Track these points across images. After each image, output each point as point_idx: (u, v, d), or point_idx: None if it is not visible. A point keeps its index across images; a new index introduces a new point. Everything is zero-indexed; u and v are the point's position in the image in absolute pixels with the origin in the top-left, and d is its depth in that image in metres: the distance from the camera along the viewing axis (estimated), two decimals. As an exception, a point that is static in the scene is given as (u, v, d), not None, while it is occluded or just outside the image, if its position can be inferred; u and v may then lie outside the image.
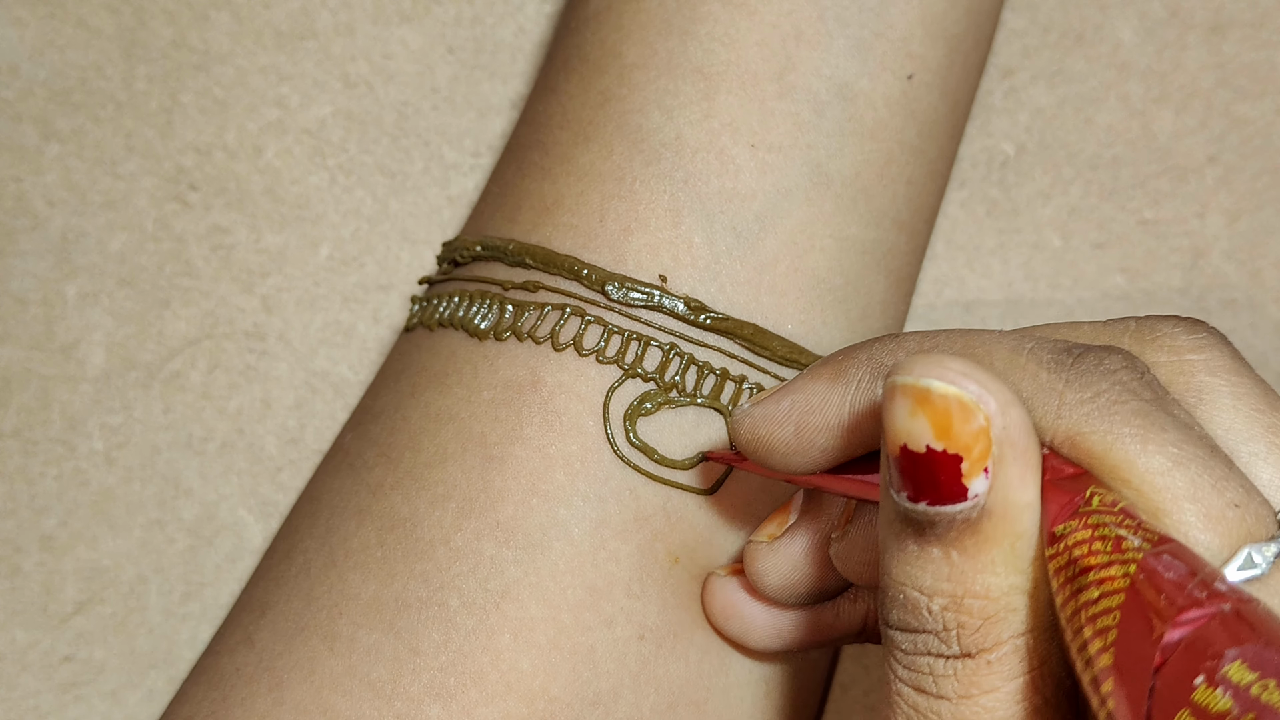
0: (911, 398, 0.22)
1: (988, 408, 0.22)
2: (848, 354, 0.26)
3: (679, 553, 0.32)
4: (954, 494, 0.22)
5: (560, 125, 0.34)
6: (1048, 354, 0.24)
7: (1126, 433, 0.22)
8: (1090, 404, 0.23)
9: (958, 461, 0.22)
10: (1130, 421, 0.22)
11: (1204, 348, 0.25)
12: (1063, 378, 0.23)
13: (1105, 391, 0.23)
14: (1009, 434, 0.22)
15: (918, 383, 0.22)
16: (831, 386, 0.26)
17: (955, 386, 0.22)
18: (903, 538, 0.24)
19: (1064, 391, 0.23)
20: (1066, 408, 0.23)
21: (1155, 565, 0.21)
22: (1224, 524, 0.22)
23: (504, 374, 0.32)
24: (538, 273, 0.33)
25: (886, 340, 0.26)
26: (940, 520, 0.23)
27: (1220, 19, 0.42)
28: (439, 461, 0.32)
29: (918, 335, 0.26)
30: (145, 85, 0.41)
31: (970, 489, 0.22)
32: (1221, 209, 0.42)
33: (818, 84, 0.33)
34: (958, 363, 0.22)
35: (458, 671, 0.30)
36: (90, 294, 0.40)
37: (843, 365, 0.26)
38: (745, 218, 0.32)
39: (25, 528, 0.39)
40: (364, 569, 0.31)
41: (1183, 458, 0.22)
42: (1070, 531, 0.22)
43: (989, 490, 0.22)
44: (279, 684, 0.31)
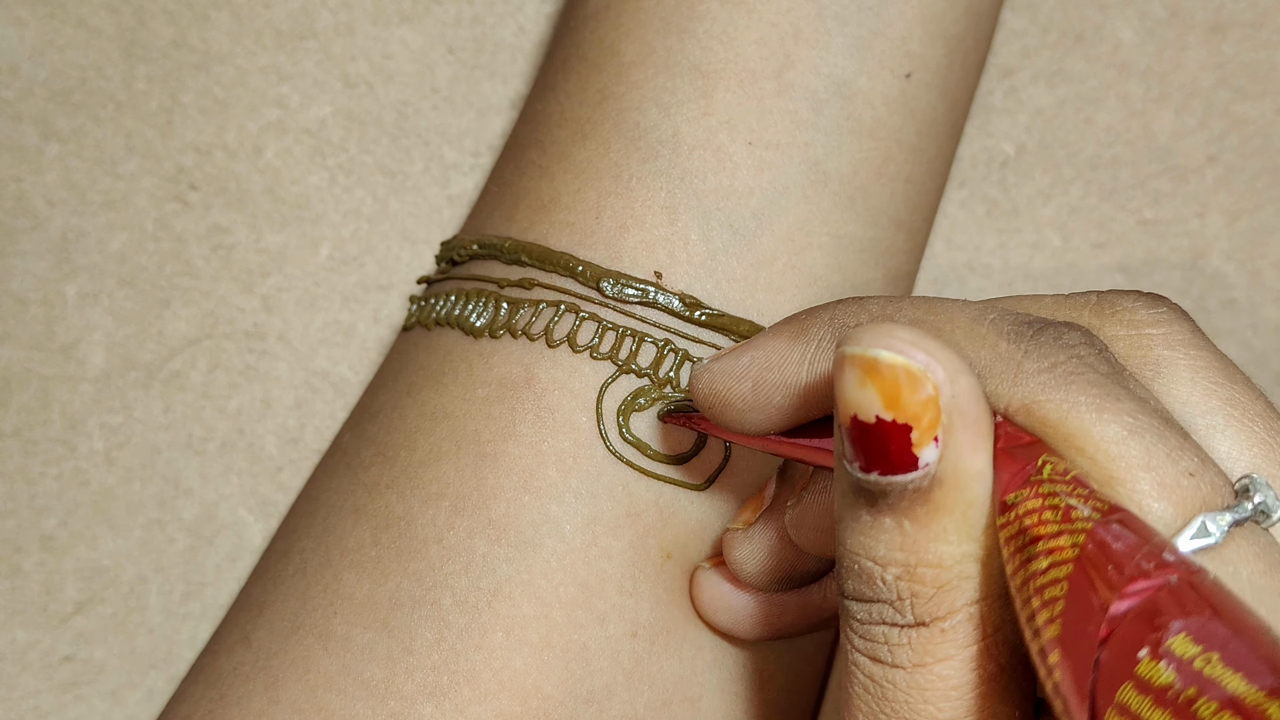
0: (860, 368, 0.22)
1: (935, 376, 0.22)
2: (810, 313, 0.26)
3: (671, 548, 0.32)
4: (904, 463, 0.22)
5: (558, 123, 0.34)
6: (1008, 325, 0.24)
7: (1082, 401, 0.22)
8: (1047, 374, 0.23)
9: (907, 431, 0.22)
10: (1086, 391, 0.22)
11: (1163, 322, 0.25)
12: (1021, 348, 0.23)
13: (1062, 363, 0.23)
14: (958, 403, 0.22)
15: (865, 352, 0.22)
16: (791, 344, 0.26)
17: (903, 356, 0.22)
18: (856, 508, 0.23)
19: (1022, 361, 0.23)
20: (1023, 376, 0.23)
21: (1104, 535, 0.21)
22: (1178, 492, 0.22)
23: (498, 371, 0.32)
24: (533, 270, 0.33)
25: (850, 302, 0.26)
26: (892, 490, 0.23)
27: (1220, 19, 0.42)
28: (433, 460, 0.32)
29: (881, 299, 0.26)
30: (145, 85, 0.41)
31: (920, 458, 0.22)
32: (1221, 209, 0.42)
33: (816, 82, 0.33)
34: (906, 331, 0.22)
35: (450, 670, 0.30)
36: (90, 294, 0.40)
37: (804, 324, 0.26)
38: (742, 215, 0.32)
39: (25, 527, 0.39)
40: (359, 568, 0.31)
41: (1138, 427, 0.22)
42: (1021, 500, 0.22)
43: (939, 459, 0.22)
44: (275, 683, 0.31)
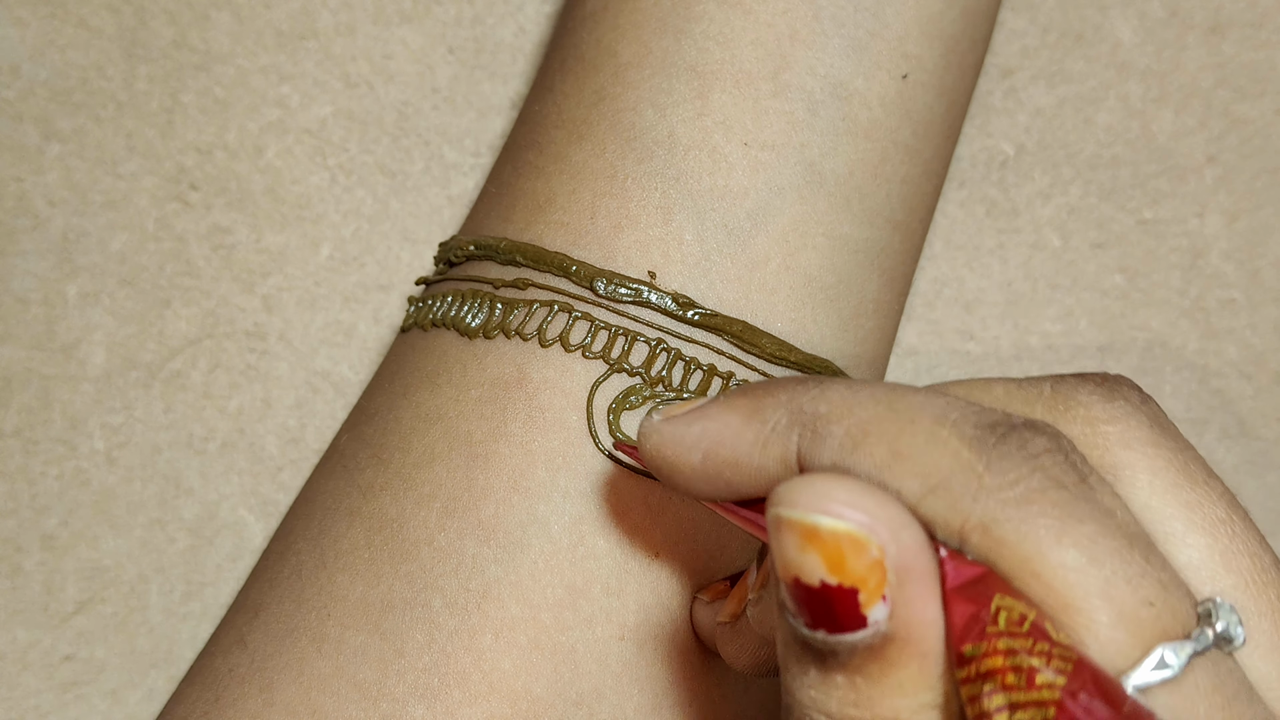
0: (798, 534, 0.22)
1: (879, 539, 0.21)
2: (768, 390, 0.25)
3: (659, 548, 0.32)
4: (853, 623, 0.22)
5: (555, 124, 0.34)
6: (971, 429, 0.23)
7: (1041, 525, 0.21)
8: (1009, 490, 0.22)
9: (854, 594, 0.22)
10: (1047, 512, 0.22)
11: (1119, 418, 0.24)
12: (984, 459, 0.22)
13: (1024, 478, 0.22)
14: (903, 560, 0.22)
15: (804, 519, 0.22)
16: (746, 423, 0.25)
17: (843, 521, 0.21)
18: (803, 662, 0.23)
19: (984, 475, 0.22)
20: (984, 492, 0.22)
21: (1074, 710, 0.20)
22: (1136, 623, 0.21)
23: (492, 372, 0.32)
24: (528, 270, 0.33)
25: (810, 385, 0.25)
26: (841, 649, 0.22)
27: (1219, 19, 0.42)
28: (427, 461, 0.32)
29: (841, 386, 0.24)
30: (146, 85, 0.41)
31: (869, 616, 0.22)
32: (1220, 209, 0.42)
33: (812, 83, 0.33)
34: (843, 490, 0.22)
35: (441, 672, 0.30)
36: (91, 294, 0.40)
37: (761, 402, 0.25)
38: (737, 215, 0.32)
39: (26, 527, 0.39)
40: (352, 570, 0.31)
41: (1097, 552, 0.21)
42: (980, 654, 0.21)
43: (889, 616, 0.22)
44: (269, 685, 0.31)
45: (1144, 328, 0.42)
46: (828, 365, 0.33)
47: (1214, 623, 0.22)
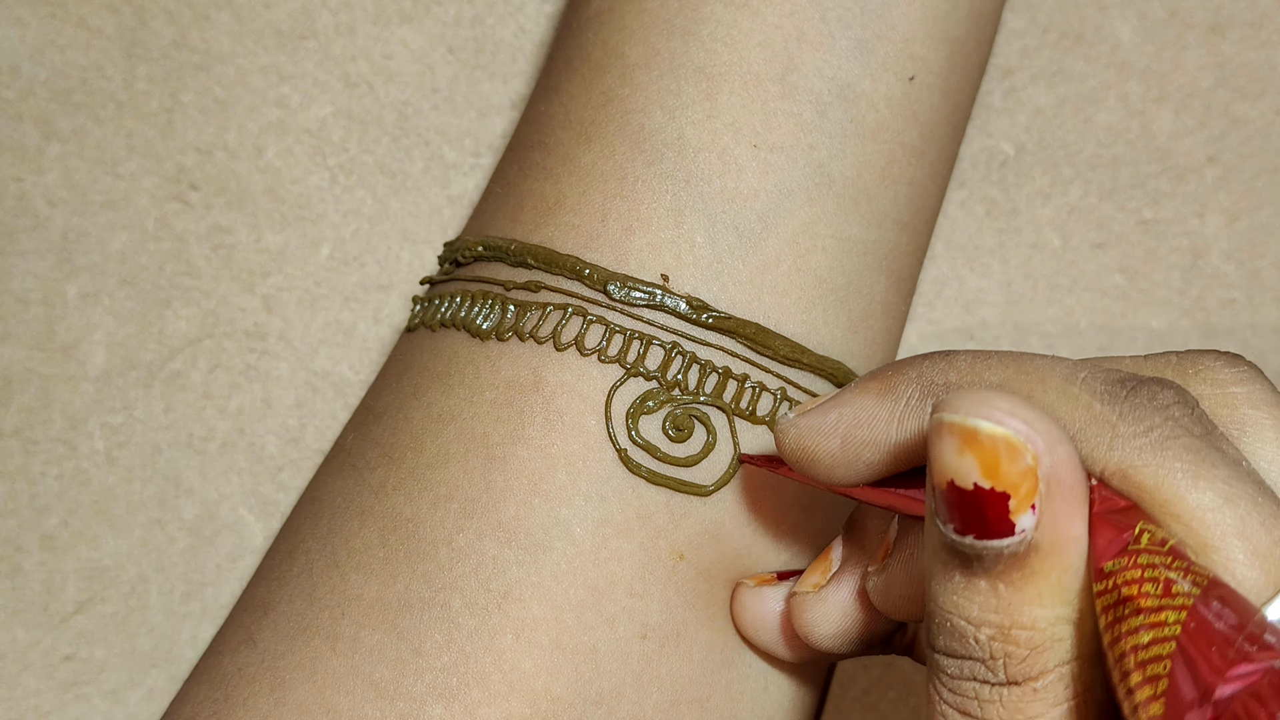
0: (958, 436, 0.23)
1: (1035, 447, 0.22)
2: (897, 370, 0.26)
3: (683, 549, 0.32)
4: (1001, 529, 0.23)
5: (562, 125, 0.34)
6: (1101, 385, 0.24)
7: (1178, 468, 0.23)
8: (1143, 438, 0.23)
9: (1005, 499, 0.23)
10: (1182, 457, 0.23)
11: (1245, 380, 0.25)
12: (1116, 410, 0.23)
13: (1158, 426, 0.23)
14: (1055, 471, 0.22)
15: (965, 421, 0.23)
16: (880, 402, 0.26)
17: (1003, 427, 0.22)
18: (949, 568, 0.24)
19: (1117, 424, 0.23)
20: (1119, 440, 0.23)
21: (1206, 614, 0.21)
22: (1271, 561, 0.22)
23: (506, 374, 0.32)
24: (540, 273, 0.33)
25: (937, 358, 0.26)
26: (987, 554, 0.23)
27: (1220, 19, 0.42)
28: (441, 462, 0.32)
29: (969, 355, 0.26)
30: (146, 85, 0.41)
31: (1018, 525, 0.23)
32: (1221, 209, 0.42)
33: (820, 85, 0.33)
34: (1005, 400, 0.23)
35: (460, 672, 0.30)
36: (91, 294, 0.40)
37: (892, 381, 0.26)
38: (747, 218, 0.32)
39: (26, 527, 0.39)
40: (366, 569, 0.31)
41: (1233, 495, 0.22)
42: (1120, 569, 0.22)
43: (1036, 526, 0.23)
44: (281, 684, 0.31)
45: (1144, 328, 0.42)
46: (839, 366, 0.33)
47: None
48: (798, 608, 0.31)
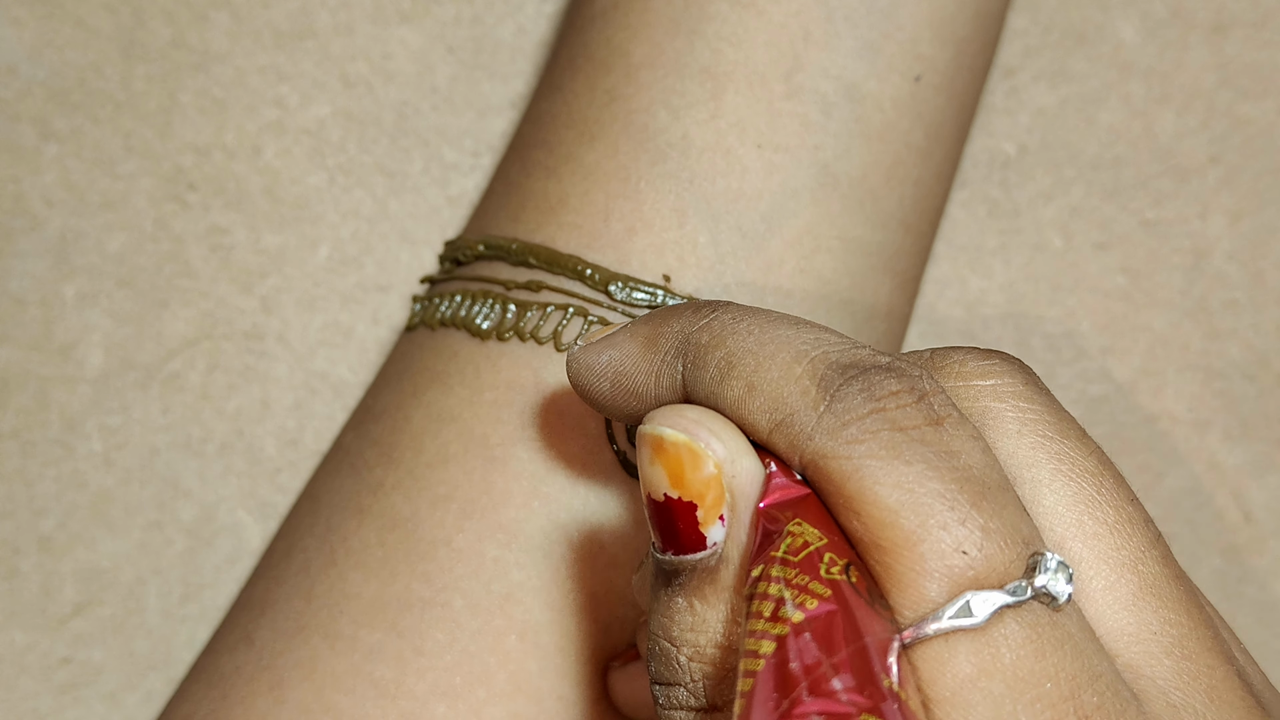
0: (650, 445, 0.23)
1: (717, 454, 0.22)
2: (665, 319, 0.26)
3: None
4: (693, 542, 0.22)
5: (566, 124, 0.34)
6: (825, 367, 0.23)
7: (869, 464, 0.22)
8: (842, 429, 0.22)
9: (693, 509, 0.22)
10: (874, 453, 0.22)
11: (992, 373, 0.24)
12: (827, 395, 0.22)
13: (861, 418, 0.22)
14: (739, 482, 0.22)
15: (654, 430, 0.23)
16: (644, 353, 0.26)
17: (685, 434, 0.22)
18: (657, 587, 0.23)
19: (823, 413, 0.22)
20: (820, 430, 0.22)
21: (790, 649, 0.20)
22: (945, 570, 0.21)
23: (507, 374, 0.32)
24: (541, 272, 0.32)
25: (703, 313, 0.25)
26: (683, 568, 0.23)
27: (1222, 19, 0.42)
28: (441, 462, 0.32)
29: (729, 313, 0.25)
30: (144, 85, 0.41)
31: (708, 537, 0.22)
32: (1224, 209, 0.42)
33: (825, 85, 0.33)
34: (692, 410, 0.23)
35: (464, 671, 0.30)
36: (89, 294, 0.40)
37: (656, 331, 0.26)
38: (751, 218, 0.32)
39: (23, 529, 0.39)
40: (364, 568, 0.31)
41: (919, 494, 0.21)
42: (758, 578, 0.21)
43: (726, 538, 0.22)
44: (279, 683, 0.31)
45: (1147, 328, 0.41)
46: None
47: (1034, 577, 0.21)
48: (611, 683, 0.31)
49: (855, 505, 0.22)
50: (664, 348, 0.25)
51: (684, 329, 0.25)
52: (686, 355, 0.25)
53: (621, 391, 0.26)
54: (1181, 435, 0.41)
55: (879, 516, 0.21)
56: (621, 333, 0.26)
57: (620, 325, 0.26)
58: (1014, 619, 0.21)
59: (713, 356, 0.24)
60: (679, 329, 0.25)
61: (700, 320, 0.25)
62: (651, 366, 0.25)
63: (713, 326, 0.25)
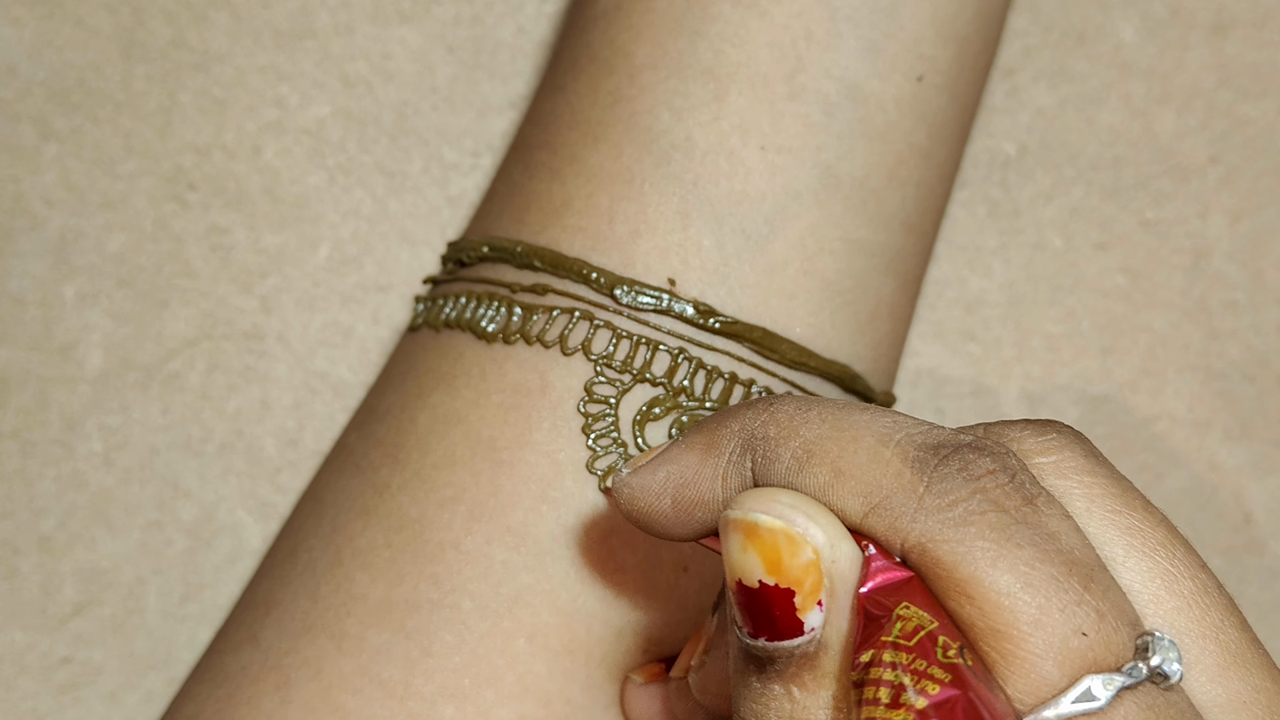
0: (741, 532, 0.22)
1: (815, 540, 0.22)
2: (721, 422, 0.25)
3: (688, 562, 0.32)
4: (790, 629, 0.22)
5: (569, 125, 0.34)
6: (914, 449, 0.23)
7: (979, 546, 0.22)
8: (947, 512, 0.22)
9: (790, 596, 0.22)
10: (985, 535, 0.22)
11: (1052, 449, 0.24)
12: (925, 479, 0.22)
13: (964, 500, 0.22)
14: (838, 567, 0.22)
15: (746, 516, 0.22)
16: (704, 459, 0.25)
17: (782, 520, 0.22)
18: (747, 674, 0.23)
19: (924, 494, 0.22)
20: (923, 513, 0.22)
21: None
22: (1065, 652, 0.21)
23: (513, 378, 0.32)
24: (546, 275, 0.32)
25: (760, 409, 0.25)
26: (779, 655, 0.22)
27: (1222, 19, 0.42)
28: (447, 464, 0.32)
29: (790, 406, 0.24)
30: (144, 85, 0.41)
31: (806, 623, 0.22)
32: (1224, 209, 0.42)
33: (828, 85, 0.33)
34: (787, 495, 0.22)
35: (472, 673, 0.30)
36: (89, 294, 0.40)
37: (715, 435, 0.25)
38: (755, 220, 0.32)
39: (23, 529, 0.39)
40: (371, 569, 0.31)
41: (1033, 578, 0.21)
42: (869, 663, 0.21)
43: (825, 623, 0.22)
44: (286, 683, 0.31)
45: (1146, 329, 0.41)
46: (846, 370, 0.33)
47: (1149, 657, 0.21)
48: (673, 695, 0.30)
49: (968, 589, 0.21)
50: (726, 449, 0.25)
51: (745, 426, 0.25)
52: (755, 451, 0.24)
53: (685, 504, 0.25)
54: (1181, 436, 0.41)
55: (996, 601, 0.21)
56: (673, 448, 0.26)
57: (663, 444, 0.26)
58: (1132, 700, 0.21)
59: (786, 448, 0.24)
60: (739, 428, 0.25)
61: (762, 415, 0.25)
62: (716, 471, 0.25)
63: (778, 419, 0.24)
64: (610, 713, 0.31)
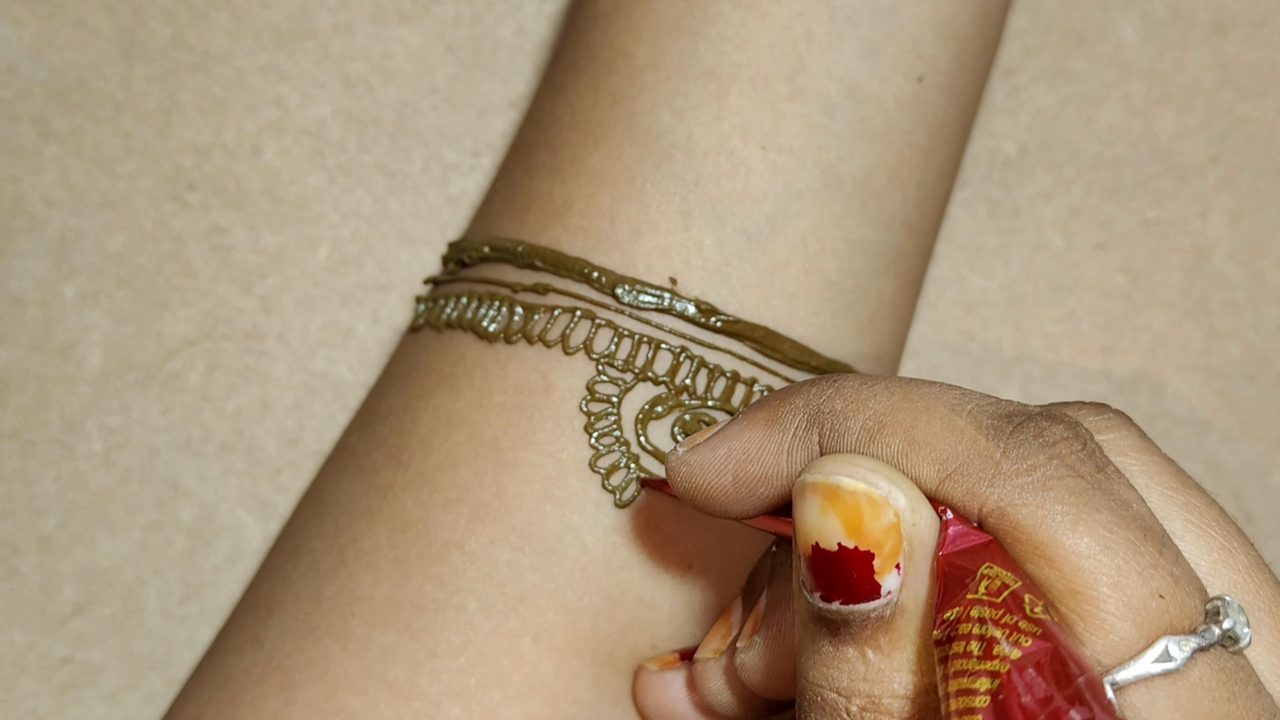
0: (821, 495, 0.23)
1: (897, 503, 0.22)
2: (784, 398, 0.26)
3: (692, 559, 0.32)
4: (867, 591, 0.22)
5: (569, 126, 0.34)
6: (987, 418, 0.23)
7: (1058, 510, 0.22)
8: (1026, 476, 0.22)
9: (869, 559, 0.22)
10: (1063, 499, 0.22)
11: (1110, 427, 0.24)
12: (1000, 445, 0.23)
13: (1041, 465, 0.22)
14: (919, 531, 0.22)
15: (827, 480, 0.23)
16: (768, 434, 0.25)
17: (864, 483, 0.22)
18: (818, 638, 0.23)
19: (1000, 461, 0.23)
20: (1001, 478, 0.22)
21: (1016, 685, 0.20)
22: (1144, 613, 0.21)
23: (515, 378, 0.32)
24: (548, 275, 0.32)
25: (824, 385, 0.25)
26: (854, 619, 0.23)
27: (1222, 18, 0.42)
28: (450, 465, 0.32)
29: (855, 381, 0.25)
30: (144, 85, 0.41)
31: (883, 586, 0.22)
32: (1224, 209, 0.42)
33: (829, 85, 0.33)
34: (867, 460, 0.23)
35: (478, 673, 0.30)
36: (89, 294, 0.40)
37: (778, 411, 0.25)
38: (756, 220, 0.32)
39: (23, 529, 0.39)
40: (376, 570, 0.31)
41: (1111, 541, 0.22)
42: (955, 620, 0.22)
43: (901, 587, 0.22)
44: (290, 684, 0.31)
45: (1146, 329, 0.42)
46: (848, 369, 0.33)
47: (1221, 620, 0.22)
48: (699, 676, 0.30)
49: (1048, 552, 0.22)
50: (791, 424, 0.25)
51: (811, 401, 0.25)
52: (823, 424, 0.24)
53: (748, 479, 0.26)
54: (1182, 435, 0.41)
55: (1076, 563, 0.22)
56: (734, 425, 0.26)
57: (723, 422, 0.26)
58: (1206, 662, 0.21)
59: (856, 419, 0.24)
60: (804, 403, 0.25)
61: (827, 390, 0.25)
62: (781, 445, 0.25)
63: (844, 393, 0.25)
64: (617, 710, 0.31)
